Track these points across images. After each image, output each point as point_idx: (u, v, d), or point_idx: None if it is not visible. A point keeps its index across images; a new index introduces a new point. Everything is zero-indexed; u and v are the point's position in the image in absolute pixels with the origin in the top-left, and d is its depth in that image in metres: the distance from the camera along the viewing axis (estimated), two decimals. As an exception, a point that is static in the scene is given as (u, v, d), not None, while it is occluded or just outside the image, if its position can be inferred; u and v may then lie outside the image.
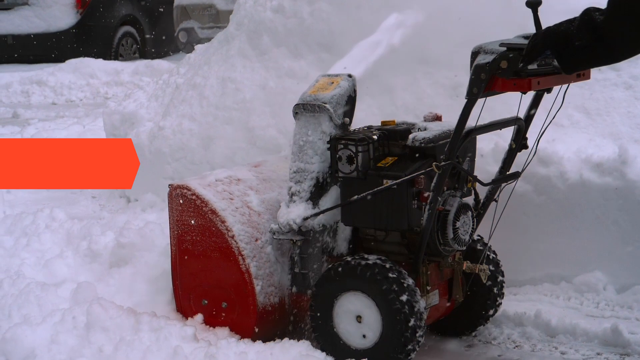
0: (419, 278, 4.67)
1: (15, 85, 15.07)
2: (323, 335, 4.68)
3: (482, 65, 4.10)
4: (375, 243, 4.84)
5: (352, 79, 4.88)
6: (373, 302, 4.52)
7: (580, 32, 3.60)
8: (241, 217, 4.91)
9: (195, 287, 5.04)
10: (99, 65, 15.38)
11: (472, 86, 4.16)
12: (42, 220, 6.29)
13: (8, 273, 5.53)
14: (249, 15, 7.33)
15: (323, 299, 4.67)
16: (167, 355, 4.54)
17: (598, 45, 3.56)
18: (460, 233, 4.66)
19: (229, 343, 4.63)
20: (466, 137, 4.44)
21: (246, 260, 4.82)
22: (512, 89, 4.13)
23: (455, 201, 4.66)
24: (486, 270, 4.76)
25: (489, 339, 5.13)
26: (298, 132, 4.86)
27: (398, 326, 4.44)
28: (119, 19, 17.73)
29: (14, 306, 5.12)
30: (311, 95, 4.82)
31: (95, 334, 4.75)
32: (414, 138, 4.64)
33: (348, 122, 4.85)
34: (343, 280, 4.59)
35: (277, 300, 4.92)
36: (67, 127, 10.98)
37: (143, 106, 7.90)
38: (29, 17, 16.98)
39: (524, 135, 4.84)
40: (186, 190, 4.97)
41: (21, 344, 4.72)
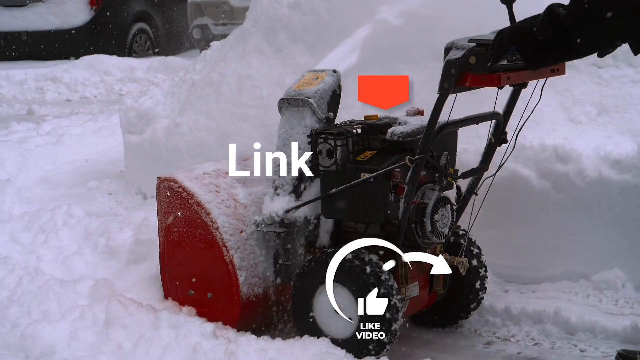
0: (397, 270, 4.73)
1: (30, 81, 15.09)
2: (304, 325, 4.77)
3: (452, 60, 4.17)
4: (356, 235, 4.86)
5: (336, 74, 4.96)
6: (350, 293, 4.59)
7: (543, 27, 3.63)
8: (226, 209, 5.01)
9: (182, 278, 5.14)
10: (113, 62, 15.39)
11: (443, 81, 4.24)
12: (60, 217, 6.29)
13: (27, 270, 5.53)
14: (266, 12, 7.33)
15: (303, 291, 4.76)
16: (186, 352, 4.54)
17: (561, 39, 3.60)
18: (438, 226, 4.72)
19: (249, 340, 4.64)
20: (439, 131, 4.51)
21: (230, 251, 4.91)
22: (482, 84, 4.23)
23: (433, 194, 4.72)
24: (465, 263, 4.83)
25: (508, 336, 5.12)
26: (282, 126, 4.94)
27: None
28: (133, 16, 17.74)
29: (33, 303, 5.13)
30: (295, 90, 4.91)
31: (115, 330, 4.75)
32: (392, 132, 4.69)
33: (332, 117, 4.92)
34: (322, 272, 4.65)
35: (261, 291, 5.00)
36: (83, 123, 10.99)
37: (159, 103, 7.91)
38: (43, 14, 17.00)
39: (503, 130, 4.90)
40: (173, 182, 5.09)
41: (40, 341, 4.73)
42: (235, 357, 4.43)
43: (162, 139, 7.44)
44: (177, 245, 5.12)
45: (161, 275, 5.26)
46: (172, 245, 5.15)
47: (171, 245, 5.15)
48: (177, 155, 7.25)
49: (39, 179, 8.72)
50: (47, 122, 11.21)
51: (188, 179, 5.09)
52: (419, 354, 4.88)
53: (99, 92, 14.87)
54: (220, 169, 5.26)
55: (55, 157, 9.46)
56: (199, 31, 16.51)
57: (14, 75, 15.21)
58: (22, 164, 8.91)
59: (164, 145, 7.39)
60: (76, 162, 9.52)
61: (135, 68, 15.31)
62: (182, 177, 5.11)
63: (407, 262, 4.77)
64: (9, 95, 14.82)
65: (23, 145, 9.50)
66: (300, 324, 4.79)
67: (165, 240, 5.17)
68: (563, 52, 3.70)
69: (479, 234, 5.76)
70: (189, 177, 5.11)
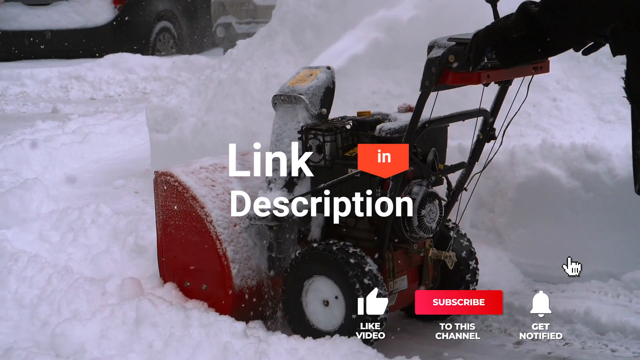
0: (385, 264, 4.83)
1: (54, 80, 15.14)
2: (294, 317, 4.89)
3: (433, 59, 4.24)
4: (347, 229, 4.99)
5: (330, 70, 5.06)
6: (337, 286, 4.72)
7: (517, 25, 3.63)
8: (221, 203, 5.13)
9: (178, 270, 5.29)
10: (137, 61, 15.43)
11: (425, 79, 4.31)
12: (88, 216, 6.30)
13: (56, 268, 5.54)
14: (292, 10, 7.32)
15: (293, 283, 4.88)
16: (217, 351, 4.54)
17: (534, 36, 3.60)
18: (426, 221, 4.78)
19: (280, 339, 4.63)
20: (422, 128, 4.59)
21: (223, 244, 5.03)
22: (462, 82, 4.30)
23: (420, 190, 4.77)
24: (452, 257, 4.87)
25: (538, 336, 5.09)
26: (276, 121, 5.05)
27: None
28: (156, 14, 17.77)
29: (63, 301, 5.14)
30: (289, 87, 5.03)
31: (145, 329, 4.75)
32: (380, 128, 4.76)
33: (325, 113, 5.00)
34: (310, 265, 4.80)
35: (254, 283, 5.12)
36: (108, 122, 11.01)
37: (186, 101, 7.91)
38: (67, 13, 17.05)
39: (491, 127, 4.95)
40: (169, 177, 5.21)
41: (71, 339, 4.73)
42: (267, 357, 4.43)
43: (189, 138, 7.45)
44: (174, 238, 5.26)
45: (159, 267, 5.41)
46: (169, 238, 5.29)
47: (168, 238, 5.30)
48: (204, 154, 7.20)
49: (65, 178, 8.73)
50: (72, 121, 11.22)
51: (184, 173, 5.22)
52: (450, 353, 4.89)
53: (123, 91, 14.91)
54: (218, 163, 5.39)
55: (81, 155, 9.49)
56: (222, 30, 16.51)
57: (38, 74, 15.27)
58: (48, 163, 8.94)
59: (190, 143, 7.40)
60: (102, 160, 9.55)
61: (159, 66, 15.34)
62: (178, 171, 5.24)
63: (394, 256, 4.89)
64: (34, 93, 14.87)
65: (49, 144, 9.52)
66: (290, 316, 4.91)
67: (163, 233, 5.32)
68: (537, 50, 3.68)
69: (507, 233, 5.77)
70: (185, 172, 5.23)
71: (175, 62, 15.46)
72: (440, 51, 4.22)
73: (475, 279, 5.25)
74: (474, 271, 5.24)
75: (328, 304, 4.79)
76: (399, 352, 4.80)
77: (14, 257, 5.69)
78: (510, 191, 5.75)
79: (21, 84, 15.11)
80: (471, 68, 3.96)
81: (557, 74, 6.11)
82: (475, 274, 5.25)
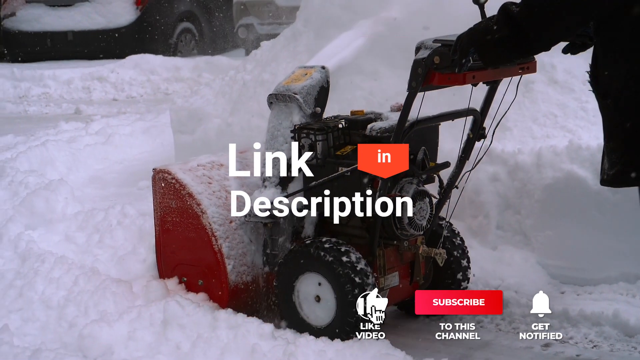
0: (376, 260, 4.93)
1: (77, 81, 15.16)
2: (287, 312, 5.01)
3: (419, 60, 4.34)
4: (339, 227, 5.08)
5: (325, 70, 5.18)
6: (327, 282, 4.82)
7: (498, 25, 3.74)
8: (217, 200, 5.27)
9: (176, 266, 5.43)
10: (159, 62, 15.43)
11: (411, 80, 4.40)
12: (114, 217, 6.29)
13: (83, 269, 5.54)
14: (317, 11, 7.32)
15: (285, 279, 4.99)
16: (245, 353, 4.55)
17: (515, 36, 3.70)
18: (416, 219, 4.88)
19: (308, 341, 4.64)
20: (411, 128, 4.67)
21: (219, 240, 5.17)
22: (448, 83, 4.39)
23: (411, 188, 4.87)
24: (442, 254, 4.96)
25: (566, 338, 5.07)
26: (271, 120, 5.17)
27: (350, 305, 4.72)
28: (178, 16, 17.77)
29: (90, 302, 5.15)
30: (284, 86, 5.15)
31: (172, 331, 4.77)
32: (371, 128, 4.87)
33: (319, 112, 5.11)
34: (302, 261, 4.91)
35: (249, 279, 5.25)
36: (131, 123, 10.99)
37: (210, 103, 7.91)
38: (89, 14, 17.06)
39: (481, 126, 5.04)
40: (167, 174, 5.37)
41: (99, 341, 4.75)
42: (295, 358, 4.44)
43: (214, 139, 7.44)
44: (171, 234, 5.40)
45: (157, 262, 5.55)
46: (167, 234, 5.43)
47: (165, 234, 5.44)
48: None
49: (89, 179, 8.74)
50: (95, 122, 11.21)
51: (182, 170, 5.36)
52: (477, 356, 4.90)
53: (145, 92, 14.93)
54: (215, 161, 5.54)
55: (104, 156, 9.49)
56: (244, 30, 16.51)
57: (60, 74, 15.29)
58: (72, 164, 8.94)
59: (215, 144, 7.38)
60: (126, 161, 9.55)
61: (181, 67, 15.34)
62: (176, 169, 5.39)
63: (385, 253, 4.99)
64: (56, 94, 14.91)
65: (72, 145, 9.52)
66: (284, 311, 5.03)
67: (161, 229, 5.46)
68: (518, 49, 3.80)
69: (534, 235, 5.75)
70: (183, 169, 5.38)
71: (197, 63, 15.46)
72: (426, 52, 4.31)
73: (467, 277, 5.33)
74: (466, 269, 5.32)
75: (319, 300, 4.88)
76: (426, 354, 4.80)
77: (40, 258, 5.70)
78: (537, 193, 5.73)
79: (44, 85, 15.14)
80: (457, 70, 4.08)
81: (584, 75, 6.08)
82: (467, 273, 5.34)
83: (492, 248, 5.86)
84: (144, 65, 15.28)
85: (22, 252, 5.88)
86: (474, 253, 5.75)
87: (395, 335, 5.05)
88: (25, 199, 6.84)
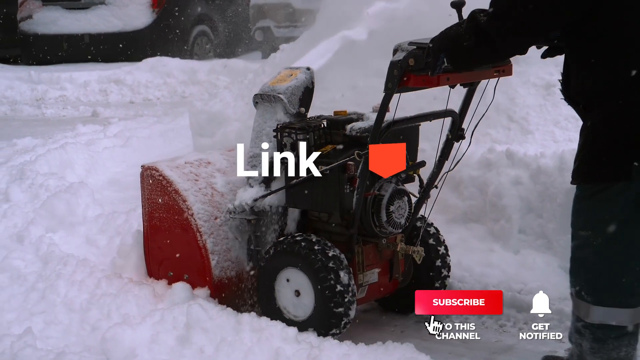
0: (354, 257, 5.05)
1: (94, 84, 15.18)
2: (267, 307, 5.12)
3: (395, 62, 4.40)
4: (321, 224, 5.26)
5: (310, 71, 5.31)
6: (306, 276, 4.94)
7: (467, 33, 3.89)
8: (203, 197, 5.40)
9: (162, 260, 5.57)
10: (175, 64, 15.44)
11: (388, 81, 4.47)
12: (135, 220, 6.30)
13: (104, 272, 5.56)
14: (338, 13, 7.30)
15: (266, 274, 5.12)
16: (269, 357, 4.55)
17: (483, 44, 3.86)
18: (394, 217, 5.03)
19: (332, 345, 4.62)
20: (388, 128, 4.75)
21: (203, 236, 5.30)
22: (423, 84, 4.43)
23: (390, 187, 5.02)
24: (420, 252, 5.06)
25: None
26: (256, 120, 5.33)
27: (328, 298, 4.85)
28: (194, 18, 17.79)
29: (113, 305, 5.16)
30: (269, 86, 5.28)
31: (196, 334, 4.76)
32: (351, 128, 5.02)
33: (304, 112, 5.25)
34: (281, 257, 5.05)
35: (233, 274, 5.38)
36: (149, 126, 11.00)
37: (230, 106, 7.91)
38: (105, 17, 17.08)
39: (460, 127, 5.10)
40: (154, 171, 5.51)
41: (122, 344, 4.74)
42: (319, 362, 4.43)
43: (233, 142, 7.40)
44: (158, 230, 5.55)
45: (145, 257, 5.67)
46: (154, 229, 5.58)
47: (153, 230, 5.60)
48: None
49: (108, 181, 8.73)
50: (113, 125, 11.22)
51: (169, 167, 5.50)
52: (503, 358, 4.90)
53: (162, 94, 14.93)
54: (203, 159, 5.69)
55: (123, 159, 9.47)
56: (261, 33, 16.53)
57: (77, 77, 15.32)
58: (91, 166, 8.94)
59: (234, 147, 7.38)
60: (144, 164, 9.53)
61: (198, 70, 15.34)
62: (163, 166, 5.52)
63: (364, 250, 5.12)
64: (73, 97, 14.93)
65: (91, 148, 9.53)
66: (264, 305, 5.14)
67: (148, 225, 5.61)
68: (486, 56, 4.02)
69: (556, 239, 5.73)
70: (170, 166, 5.51)
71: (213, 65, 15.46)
72: (402, 55, 4.36)
73: (447, 265, 5.46)
74: (444, 257, 5.44)
75: (299, 294, 5.00)
76: (449, 357, 4.79)
77: (62, 260, 5.72)
78: (560, 196, 5.70)
79: (60, 88, 15.17)
80: (430, 73, 4.19)
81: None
82: (446, 260, 5.46)
83: (514, 252, 5.83)
84: (161, 68, 15.29)
85: (44, 254, 5.90)
86: (496, 257, 5.75)
87: (419, 339, 5.06)
88: (46, 201, 6.86)
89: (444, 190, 6.07)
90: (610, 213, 3.90)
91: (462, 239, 5.96)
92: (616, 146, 3.80)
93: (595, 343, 4.05)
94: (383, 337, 4.99)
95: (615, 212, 3.89)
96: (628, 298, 3.97)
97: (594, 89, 3.82)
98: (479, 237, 5.97)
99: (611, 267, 3.96)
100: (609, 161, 3.82)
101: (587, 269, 4.02)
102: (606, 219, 3.91)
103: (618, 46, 3.76)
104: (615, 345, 4.03)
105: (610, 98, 3.78)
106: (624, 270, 3.95)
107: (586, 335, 4.07)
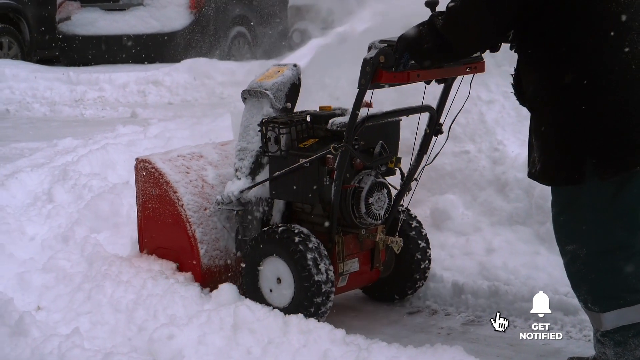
0: (334, 247, 5.24)
1: (132, 85, 15.22)
2: (252, 294, 5.30)
3: (367, 59, 4.59)
4: (304, 215, 5.48)
5: (296, 68, 5.57)
6: (286, 264, 5.15)
7: (427, 36, 4.14)
8: (193, 188, 5.68)
9: (155, 249, 5.83)
10: (213, 66, 15.46)
11: (361, 78, 4.68)
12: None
13: (150, 273, 5.57)
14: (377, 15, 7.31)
15: (250, 263, 5.34)
16: (316, 359, 4.53)
17: (440, 45, 4.10)
18: (373, 208, 5.22)
19: (380, 347, 4.61)
20: (362, 123, 4.95)
21: (192, 226, 5.58)
22: (394, 80, 4.63)
23: (369, 179, 5.20)
24: (399, 242, 5.24)
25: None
26: (244, 114, 5.56)
27: (306, 287, 5.05)
28: (232, 20, 17.79)
29: (159, 306, 5.17)
30: (257, 83, 5.53)
31: (243, 335, 4.77)
32: (332, 122, 5.21)
33: (290, 107, 5.49)
34: (264, 245, 5.26)
35: (222, 262, 5.66)
36: (189, 127, 11.00)
37: (271, 107, 7.89)
38: (143, 18, 17.11)
39: (437, 122, 5.29)
40: (147, 163, 5.79)
41: (169, 345, 4.74)
42: (368, 364, 4.41)
43: (275, 142, 7.43)
44: (151, 220, 5.84)
45: (139, 246, 5.94)
46: (147, 219, 5.87)
47: (146, 220, 5.88)
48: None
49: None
50: (153, 126, 11.24)
51: (162, 160, 5.77)
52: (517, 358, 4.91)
53: (200, 96, 14.93)
54: (196, 152, 5.95)
55: (164, 160, 9.49)
56: (299, 35, 16.52)
57: (116, 78, 15.36)
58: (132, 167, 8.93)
59: (276, 148, 7.39)
60: (186, 165, 9.54)
61: (236, 71, 15.33)
62: (156, 158, 5.80)
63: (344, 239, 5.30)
64: (112, 98, 14.97)
65: (132, 149, 9.53)
66: (249, 293, 5.32)
67: (142, 215, 5.89)
68: (446, 56, 4.25)
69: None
70: (163, 159, 5.78)
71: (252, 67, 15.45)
72: (374, 52, 4.54)
73: (427, 257, 5.64)
74: (425, 250, 5.62)
75: (280, 282, 5.20)
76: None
77: (108, 261, 5.74)
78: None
79: (99, 89, 15.22)
80: (394, 69, 4.44)
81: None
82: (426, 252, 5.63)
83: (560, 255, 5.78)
84: (199, 69, 15.31)
85: (89, 255, 5.92)
86: (542, 260, 5.71)
87: (467, 342, 5.04)
88: (90, 202, 6.90)
89: (489, 192, 6.08)
90: (585, 222, 4.07)
91: (507, 241, 5.93)
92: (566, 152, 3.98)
93: (618, 347, 4.19)
94: (431, 339, 5.02)
95: (589, 219, 4.06)
96: (631, 295, 4.10)
97: (536, 94, 4.03)
98: (524, 240, 5.93)
99: (604, 273, 4.11)
100: (563, 166, 4.00)
101: (583, 281, 4.20)
102: (584, 229, 4.08)
103: (562, 52, 3.91)
104: (636, 343, 4.16)
105: (551, 104, 3.97)
106: (615, 271, 4.09)
107: (606, 343, 4.23)
